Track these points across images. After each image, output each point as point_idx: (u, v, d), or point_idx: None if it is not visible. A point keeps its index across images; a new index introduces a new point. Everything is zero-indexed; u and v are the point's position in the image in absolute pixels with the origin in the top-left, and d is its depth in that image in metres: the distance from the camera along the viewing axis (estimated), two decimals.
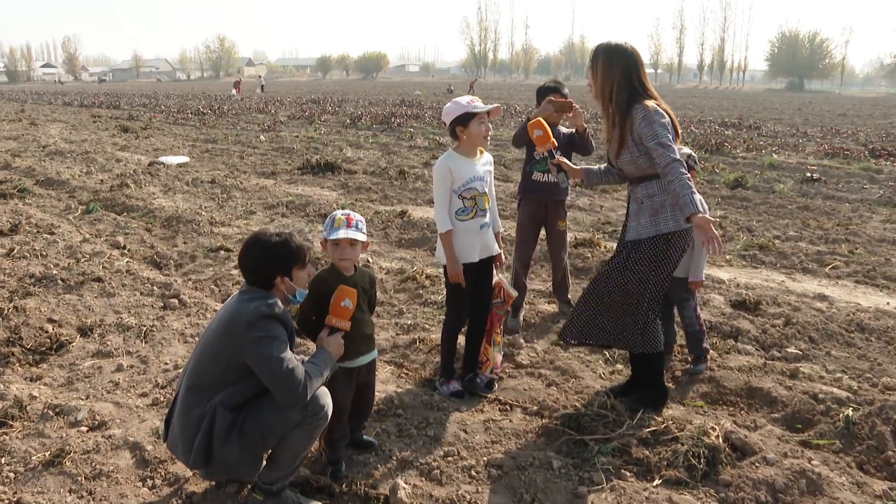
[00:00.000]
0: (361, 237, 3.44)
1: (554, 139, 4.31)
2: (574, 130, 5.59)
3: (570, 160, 5.70)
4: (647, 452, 3.72)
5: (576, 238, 8.02)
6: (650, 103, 3.96)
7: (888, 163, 15.64)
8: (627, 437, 3.83)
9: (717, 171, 14.13)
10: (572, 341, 4.37)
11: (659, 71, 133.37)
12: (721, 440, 3.76)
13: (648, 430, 3.87)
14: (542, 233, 5.93)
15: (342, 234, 3.40)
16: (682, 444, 3.72)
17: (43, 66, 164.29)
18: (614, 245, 7.84)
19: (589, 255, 7.48)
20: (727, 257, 7.83)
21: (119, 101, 41.33)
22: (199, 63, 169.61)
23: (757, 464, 3.66)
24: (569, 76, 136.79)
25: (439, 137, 19.43)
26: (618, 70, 3.98)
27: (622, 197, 11.31)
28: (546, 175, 5.63)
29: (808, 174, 13.44)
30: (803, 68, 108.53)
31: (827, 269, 7.45)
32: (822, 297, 6.49)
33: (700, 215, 3.69)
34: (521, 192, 5.82)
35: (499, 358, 4.65)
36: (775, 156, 16.46)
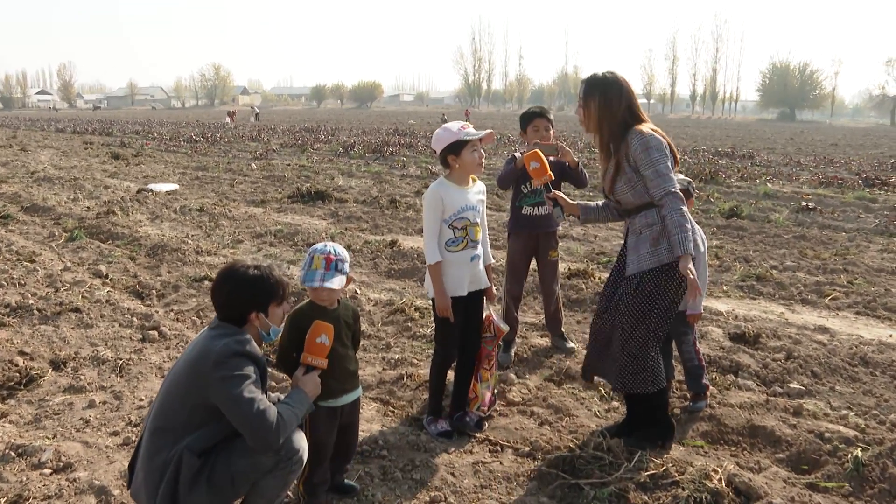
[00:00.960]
0: (337, 285, 3.20)
1: (550, 172, 4.13)
2: (565, 163, 5.41)
3: (559, 190, 5.55)
4: (645, 498, 3.52)
5: (569, 269, 7.84)
6: (645, 128, 3.81)
7: (882, 192, 15.55)
8: (625, 480, 3.62)
9: (712, 200, 14.01)
10: (590, 379, 4.26)
11: (652, 101, 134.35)
12: (724, 484, 3.55)
13: (647, 473, 3.67)
14: (533, 263, 5.73)
15: (317, 283, 3.17)
16: (683, 489, 3.51)
17: (38, 92, 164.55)
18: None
19: (583, 286, 7.29)
20: (724, 288, 7.65)
21: (112, 127, 41.28)
22: (194, 91, 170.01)
23: None
24: (562, 106, 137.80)
25: (432, 166, 19.32)
26: (614, 103, 3.84)
27: (617, 227, 11.15)
28: (536, 208, 5.45)
29: (804, 203, 13.33)
30: (794, 99, 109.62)
31: (826, 301, 7.28)
32: (823, 330, 6.30)
33: (683, 262, 3.65)
34: (512, 227, 5.61)
35: (487, 395, 4.43)
36: (770, 185, 16.37)
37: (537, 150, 4.11)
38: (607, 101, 3.85)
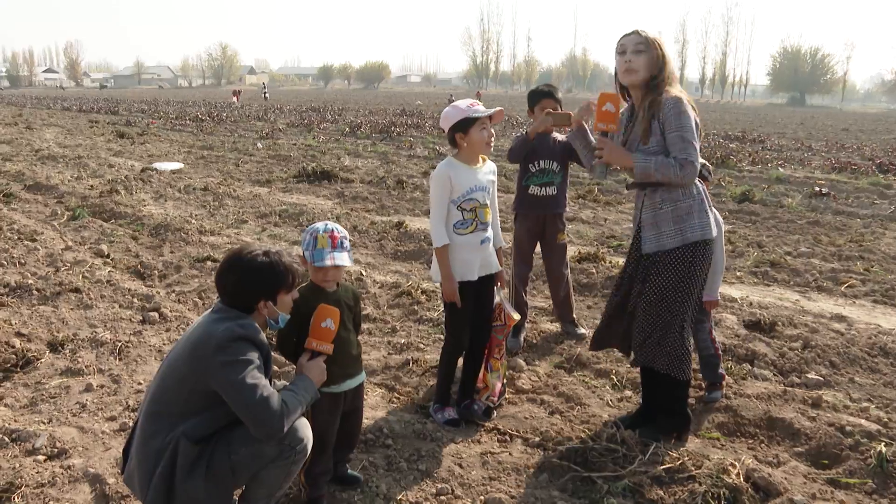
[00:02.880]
0: (347, 262, 3.10)
1: (617, 123, 3.77)
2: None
3: (567, 170, 5.38)
4: (661, 493, 3.37)
5: (579, 252, 7.67)
6: (682, 93, 3.64)
7: None
8: (640, 474, 3.47)
9: (724, 184, 13.78)
10: (595, 348, 4.15)
11: None
12: (742, 479, 3.41)
13: (663, 467, 3.52)
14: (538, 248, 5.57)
15: (328, 261, 3.04)
16: (700, 484, 3.37)
17: (45, 71, 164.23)
18: (619, 260, 7.55)
19: (594, 270, 7.12)
20: (738, 274, 7.48)
21: (118, 106, 41.07)
22: (200, 70, 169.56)
23: None
24: (570, 88, 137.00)
25: (439, 147, 19.11)
26: (666, 62, 3.67)
27: (626, 210, 10.99)
28: (544, 188, 5.28)
29: (817, 188, 13.10)
30: (805, 83, 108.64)
31: (843, 288, 7.11)
32: (840, 318, 6.13)
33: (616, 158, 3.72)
34: (518, 207, 5.44)
35: (498, 385, 4.27)
36: (781, 170, 16.14)
37: (618, 95, 3.77)
38: (664, 57, 3.66)
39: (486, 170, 3.96)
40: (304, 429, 2.81)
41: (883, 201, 12.48)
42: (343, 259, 3.08)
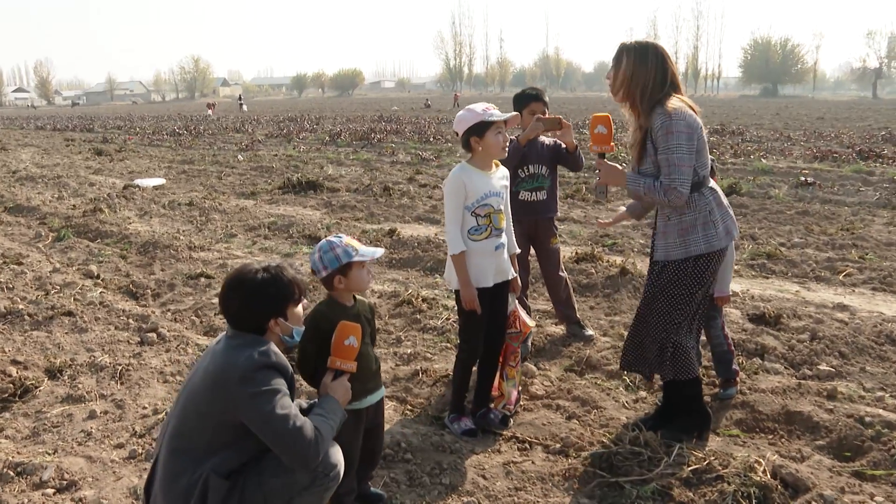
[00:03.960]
0: (381, 252, 3.10)
1: (613, 144, 3.77)
2: (561, 144, 5.19)
3: (556, 174, 5.33)
4: (691, 494, 3.32)
5: (576, 253, 7.62)
6: (676, 104, 3.57)
7: (878, 164, 15.41)
8: (667, 477, 3.42)
9: None
10: (626, 370, 4.10)
11: None
12: (770, 476, 3.37)
13: (690, 468, 3.46)
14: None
15: (378, 250, 3.10)
16: (729, 483, 3.32)
17: (15, 90, 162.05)
18: (617, 258, 7.52)
19: (592, 270, 7.07)
20: (735, 267, 7.45)
21: (93, 123, 40.61)
22: (173, 84, 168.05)
23: (814, 502, 3.26)
24: (545, 87, 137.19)
25: (421, 152, 19.03)
26: (649, 67, 3.60)
27: (616, 208, 10.95)
28: (534, 193, 5.22)
29: (802, 178, 13.16)
30: (776, 74, 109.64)
31: (841, 277, 7.11)
32: (843, 308, 6.12)
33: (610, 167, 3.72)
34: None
35: (514, 394, 4.20)
36: (764, 161, 16.19)
37: (609, 116, 3.77)
38: (641, 63, 3.61)
39: (500, 175, 3.90)
40: (336, 454, 2.72)
41: (867, 188, 12.54)
42: (377, 254, 3.10)
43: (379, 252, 3.06)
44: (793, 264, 7.53)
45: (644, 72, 3.60)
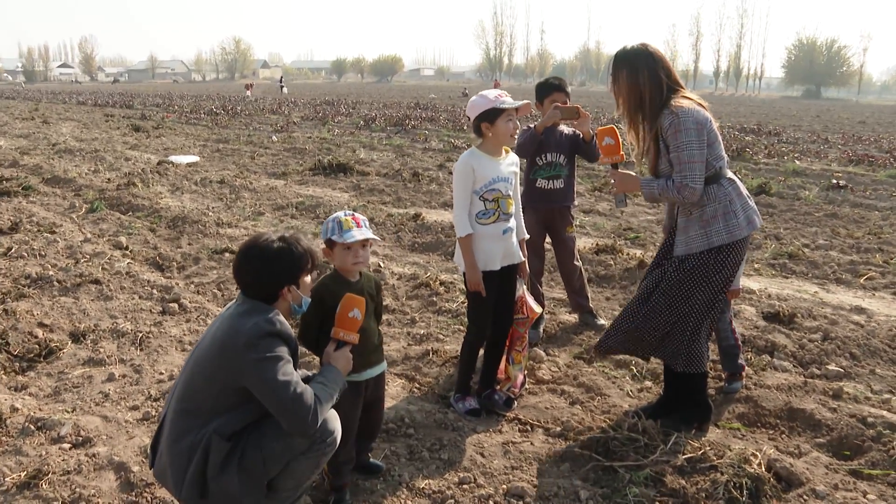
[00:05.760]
0: (373, 234, 3.12)
1: (623, 153, 3.86)
2: (580, 134, 5.23)
3: (574, 163, 5.39)
4: (683, 482, 3.37)
5: (597, 244, 7.66)
6: (683, 103, 3.61)
7: None
8: (661, 464, 3.48)
9: (740, 176, 13.69)
10: (608, 347, 4.04)
11: None
12: (764, 469, 3.41)
13: (684, 456, 3.52)
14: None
15: (358, 234, 3.04)
16: (722, 474, 3.36)
17: (60, 66, 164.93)
18: (637, 252, 7.54)
19: (611, 262, 7.11)
20: (756, 266, 7.44)
21: (133, 100, 41.23)
22: (214, 65, 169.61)
23: (805, 497, 3.33)
24: (584, 81, 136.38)
25: (454, 140, 19.09)
26: (644, 76, 3.64)
27: (641, 203, 10.93)
28: (551, 181, 5.28)
29: (834, 181, 13.01)
30: (820, 76, 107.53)
31: (862, 280, 7.06)
32: (860, 310, 6.09)
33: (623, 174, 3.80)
34: (526, 201, 5.40)
35: (519, 378, 4.29)
36: (798, 162, 16.02)
37: (614, 127, 3.85)
38: (634, 75, 3.67)
39: (509, 161, 3.97)
40: (334, 421, 2.82)
41: None
42: (370, 233, 3.10)
43: (359, 236, 3.04)
44: (814, 265, 7.49)
45: (639, 84, 3.66)
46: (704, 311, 3.78)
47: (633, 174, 3.85)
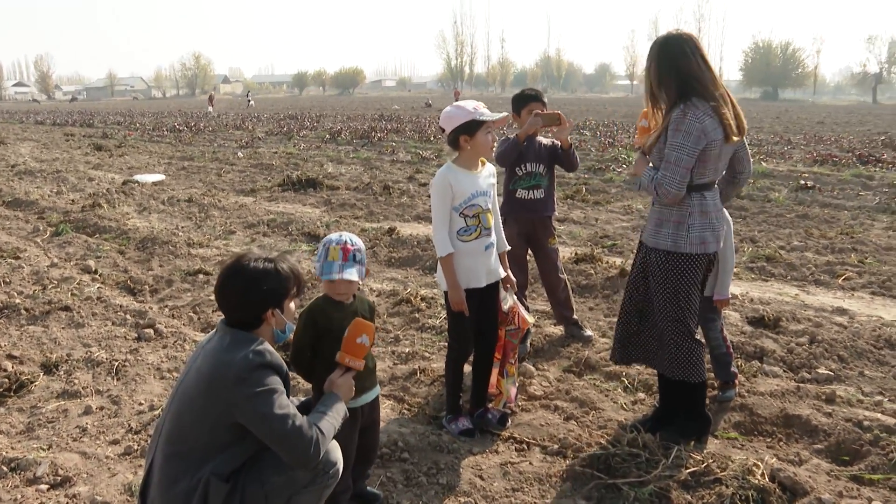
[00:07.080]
0: (357, 277, 2.96)
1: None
2: (558, 145, 5.19)
3: (553, 173, 5.33)
4: (688, 497, 3.31)
5: (576, 253, 7.61)
6: (698, 104, 3.55)
7: (878, 169, 15.39)
8: (665, 479, 3.41)
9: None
10: (617, 362, 4.12)
11: (635, 83, 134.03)
12: (768, 479, 3.35)
13: (688, 470, 3.45)
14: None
15: (336, 275, 2.93)
16: (727, 486, 3.30)
17: (15, 84, 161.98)
18: (616, 260, 7.50)
19: (592, 271, 7.06)
20: (734, 270, 7.43)
21: (93, 119, 40.56)
22: (174, 81, 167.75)
23: None
24: (545, 88, 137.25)
25: (422, 151, 19.01)
26: (665, 64, 3.62)
27: (616, 209, 10.94)
28: (531, 192, 5.21)
29: (802, 182, 13.15)
30: (777, 77, 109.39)
31: (840, 281, 7.09)
32: (842, 311, 6.11)
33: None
34: (506, 211, 5.32)
35: (513, 391, 4.19)
36: (764, 164, 16.18)
37: (647, 109, 3.86)
38: (660, 62, 3.65)
39: (486, 173, 3.88)
40: (336, 451, 2.70)
41: (867, 192, 12.54)
42: (352, 274, 2.95)
43: (335, 277, 2.94)
44: (792, 267, 7.51)
45: (649, 74, 3.70)
46: (681, 313, 3.74)
47: (648, 161, 3.86)
